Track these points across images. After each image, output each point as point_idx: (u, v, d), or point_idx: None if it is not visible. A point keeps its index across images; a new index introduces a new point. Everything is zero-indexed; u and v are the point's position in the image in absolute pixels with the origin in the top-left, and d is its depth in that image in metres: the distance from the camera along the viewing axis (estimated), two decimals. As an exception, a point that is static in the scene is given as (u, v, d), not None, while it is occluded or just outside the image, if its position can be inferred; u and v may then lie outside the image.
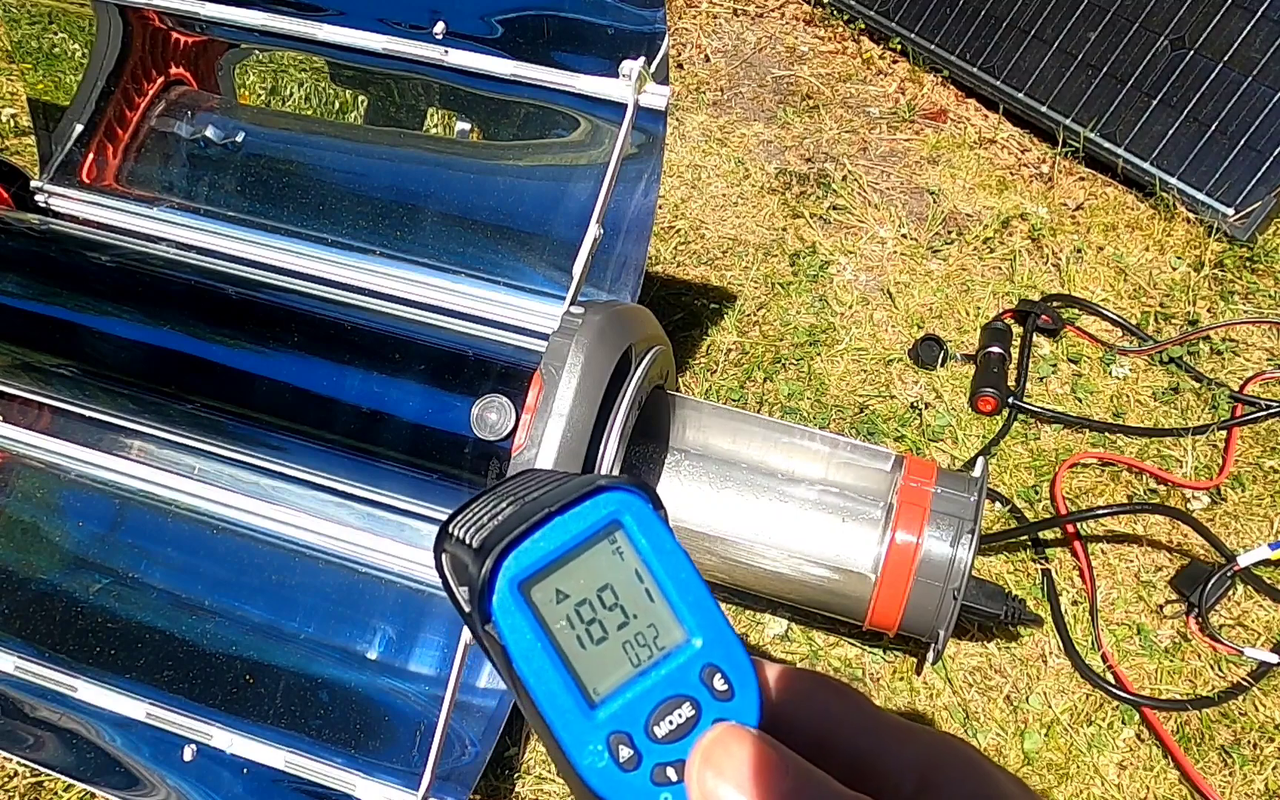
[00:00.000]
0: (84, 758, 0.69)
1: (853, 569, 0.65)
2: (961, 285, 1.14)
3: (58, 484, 0.80)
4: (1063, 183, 1.26)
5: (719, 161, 1.34)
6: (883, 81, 1.48)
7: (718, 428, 0.72)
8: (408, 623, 0.72)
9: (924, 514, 0.63)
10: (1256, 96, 1.13)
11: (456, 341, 0.69)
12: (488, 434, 0.61)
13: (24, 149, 1.33)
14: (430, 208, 0.78)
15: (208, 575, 0.75)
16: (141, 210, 0.84)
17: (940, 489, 0.65)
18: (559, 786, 0.76)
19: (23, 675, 0.72)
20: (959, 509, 0.63)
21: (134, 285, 0.73)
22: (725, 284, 1.15)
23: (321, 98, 0.81)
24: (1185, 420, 0.98)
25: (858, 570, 0.64)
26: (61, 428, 0.81)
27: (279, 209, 0.81)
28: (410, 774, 0.65)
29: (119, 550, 0.77)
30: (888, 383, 1.03)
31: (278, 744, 0.68)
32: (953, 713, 0.79)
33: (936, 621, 0.64)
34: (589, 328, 0.61)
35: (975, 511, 0.63)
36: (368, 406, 0.66)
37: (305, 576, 0.74)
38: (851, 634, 0.83)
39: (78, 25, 0.83)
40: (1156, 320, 1.08)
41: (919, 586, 0.63)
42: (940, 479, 0.65)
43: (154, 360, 0.71)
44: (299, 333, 0.69)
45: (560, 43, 0.70)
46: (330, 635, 0.72)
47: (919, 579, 0.63)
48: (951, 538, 0.63)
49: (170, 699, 0.70)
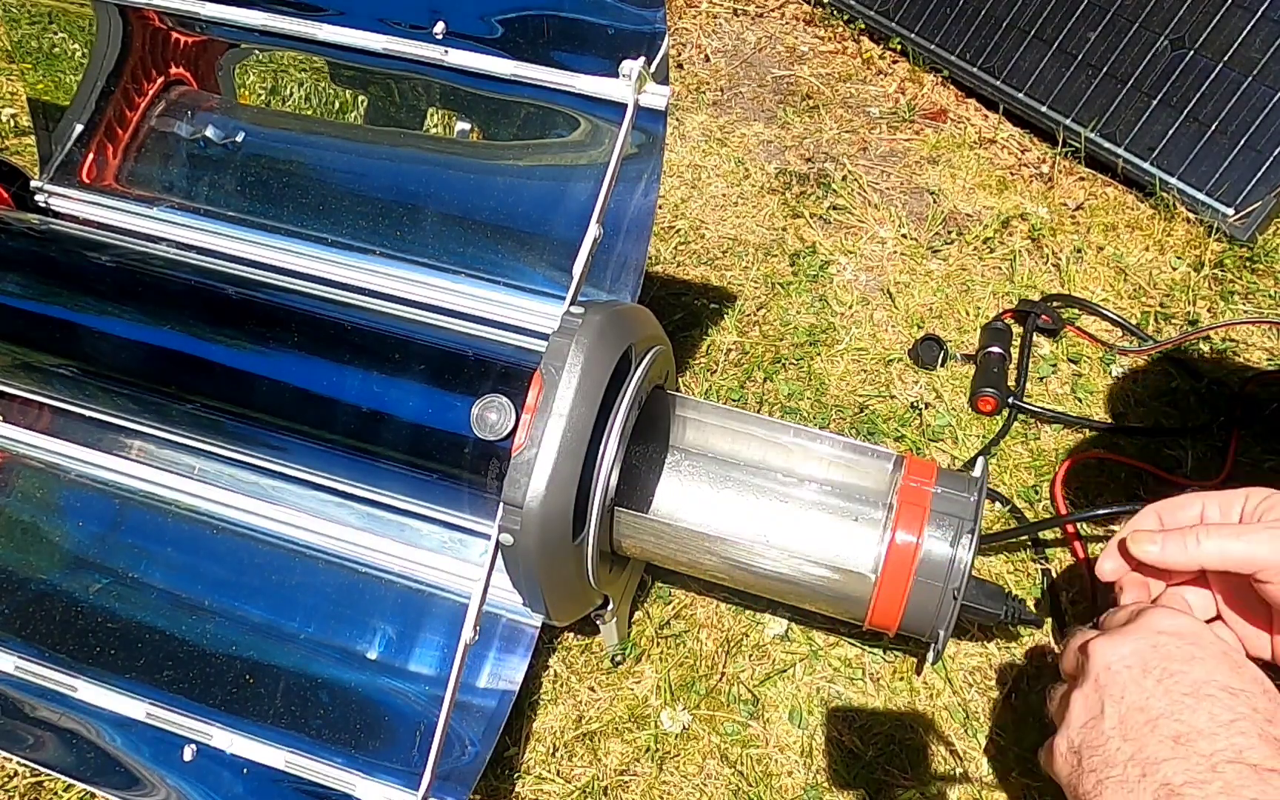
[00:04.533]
0: (84, 758, 0.70)
1: (853, 569, 0.65)
2: (961, 285, 1.14)
3: (58, 484, 0.80)
4: (1063, 183, 1.26)
5: (719, 161, 1.34)
6: (883, 81, 1.48)
7: (717, 427, 0.72)
8: (408, 623, 0.72)
9: (924, 514, 0.63)
10: (1256, 96, 1.13)
11: (456, 341, 0.69)
12: (488, 434, 0.61)
13: (24, 149, 1.33)
14: (430, 208, 0.78)
15: (208, 575, 0.76)
16: (141, 210, 0.84)
17: (940, 489, 0.65)
18: (559, 786, 0.77)
19: (23, 675, 0.72)
20: (959, 509, 0.63)
21: (134, 285, 0.73)
22: (725, 284, 1.15)
23: (321, 98, 0.81)
24: (1185, 420, 0.98)
25: (858, 570, 0.64)
26: (61, 428, 0.82)
27: (279, 209, 0.81)
28: (410, 774, 0.65)
29: (119, 550, 0.77)
30: (888, 383, 1.03)
31: (278, 744, 0.68)
32: (953, 713, 0.79)
33: (937, 621, 0.64)
34: (589, 328, 0.61)
35: (975, 511, 0.63)
36: (367, 406, 0.66)
37: (305, 576, 0.74)
38: (851, 634, 0.83)
39: (78, 25, 0.83)
40: (1156, 320, 1.08)
41: (919, 586, 0.63)
42: (940, 479, 0.65)
43: (154, 360, 0.71)
44: (299, 333, 0.69)
45: (560, 43, 0.70)
46: (330, 635, 0.72)
47: (919, 579, 0.63)
48: (951, 538, 0.63)
49: (170, 699, 0.70)
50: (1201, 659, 0.50)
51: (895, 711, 0.79)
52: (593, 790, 0.76)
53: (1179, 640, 0.51)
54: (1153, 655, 0.51)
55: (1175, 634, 0.52)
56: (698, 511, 0.68)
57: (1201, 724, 0.47)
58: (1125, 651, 0.52)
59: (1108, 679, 0.51)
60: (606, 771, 0.77)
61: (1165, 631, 0.52)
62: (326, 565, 0.75)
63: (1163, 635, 0.52)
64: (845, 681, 0.81)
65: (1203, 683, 0.49)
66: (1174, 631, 0.52)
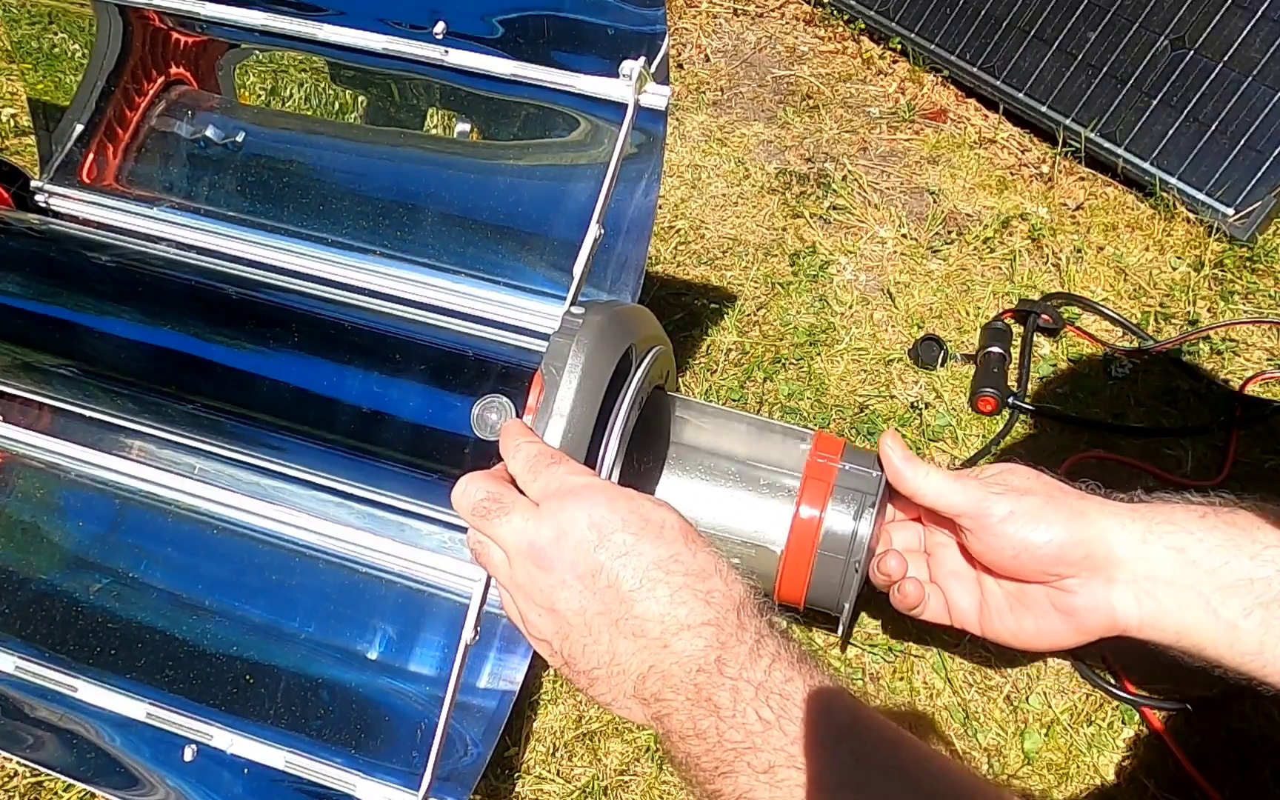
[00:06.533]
0: (84, 758, 0.70)
1: (763, 544, 0.65)
2: (961, 285, 1.14)
3: (58, 484, 0.80)
4: (1063, 183, 1.26)
5: (719, 161, 1.34)
6: (883, 81, 1.48)
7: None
8: (408, 623, 0.72)
9: (828, 489, 0.64)
10: (1256, 96, 1.13)
11: (457, 342, 0.69)
12: (488, 434, 0.61)
13: (24, 149, 1.33)
14: (430, 208, 0.78)
15: (208, 575, 0.75)
16: (142, 210, 0.84)
17: (847, 465, 0.65)
18: (559, 786, 0.77)
19: (23, 675, 0.72)
20: (864, 484, 0.64)
21: (134, 285, 0.73)
22: (725, 284, 1.15)
23: (322, 98, 0.81)
24: (1185, 420, 0.98)
25: (767, 545, 0.65)
26: (62, 428, 0.81)
27: (279, 209, 0.81)
28: (410, 774, 0.65)
29: (119, 550, 0.77)
30: (888, 383, 1.04)
31: (278, 744, 0.68)
32: (953, 713, 0.79)
33: (841, 594, 0.65)
34: (590, 328, 0.61)
35: (879, 487, 0.64)
36: (368, 406, 0.66)
37: (305, 576, 0.74)
38: (852, 636, 0.83)
39: (78, 25, 0.83)
40: (1156, 320, 1.08)
41: (822, 560, 0.64)
42: (847, 455, 0.66)
43: (154, 360, 0.71)
44: (299, 333, 0.69)
45: (560, 43, 0.70)
46: (330, 635, 0.72)
47: (822, 553, 0.64)
48: (855, 512, 0.63)
49: (171, 699, 0.70)
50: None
51: (895, 711, 0.79)
52: (593, 790, 0.76)
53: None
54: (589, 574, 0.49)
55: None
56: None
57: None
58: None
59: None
60: (606, 771, 0.77)
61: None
62: (327, 565, 0.74)
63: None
64: (845, 681, 0.81)
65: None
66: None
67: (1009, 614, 0.61)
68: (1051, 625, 0.59)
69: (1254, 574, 0.53)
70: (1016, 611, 0.60)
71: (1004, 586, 0.61)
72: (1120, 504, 0.57)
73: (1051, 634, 0.59)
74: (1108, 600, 0.56)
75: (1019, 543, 0.56)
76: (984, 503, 0.57)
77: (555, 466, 0.52)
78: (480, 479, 0.53)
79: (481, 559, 0.54)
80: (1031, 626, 0.60)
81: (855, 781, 0.41)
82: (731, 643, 0.46)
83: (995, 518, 0.57)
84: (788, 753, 0.42)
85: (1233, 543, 0.54)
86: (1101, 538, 0.56)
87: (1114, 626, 0.57)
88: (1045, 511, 0.56)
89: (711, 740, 0.44)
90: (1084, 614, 0.57)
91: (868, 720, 0.44)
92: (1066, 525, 0.56)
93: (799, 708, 0.43)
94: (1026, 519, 0.56)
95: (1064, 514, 0.56)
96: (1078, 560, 0.56)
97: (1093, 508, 0.57)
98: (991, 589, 0.61)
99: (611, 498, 0.50)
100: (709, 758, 0.44)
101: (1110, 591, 0.56)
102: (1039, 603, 0.59)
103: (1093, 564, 0.56)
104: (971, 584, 0.63)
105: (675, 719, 0.46)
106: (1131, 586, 0.56)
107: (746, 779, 0.43)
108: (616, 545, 0.48)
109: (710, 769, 0.44)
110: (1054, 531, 0.56)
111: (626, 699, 0.48)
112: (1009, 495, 0.57)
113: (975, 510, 0.57)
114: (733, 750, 0.43)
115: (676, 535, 0.49)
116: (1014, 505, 0.57)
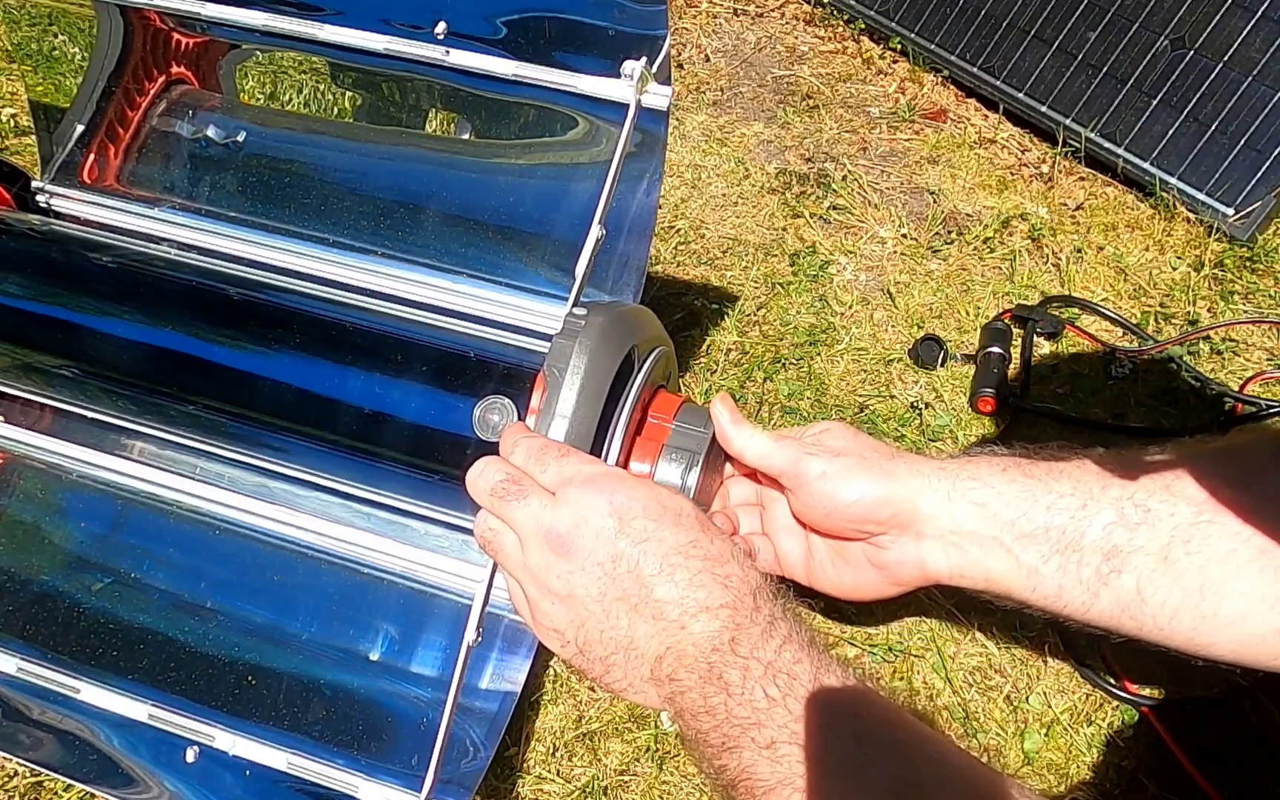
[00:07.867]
0: (85, 759, 0.70)
1: None
2: (961, 285, 1.14)
3: (59, 485, 0.80)
4: (1063, 183, 1.26)
5: (719, 161, 1.34)
6: (883, 81, 1.48)
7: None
8: (410, 624, 0.72)
9: (658, 448, 0.65)
10: (1256, 96, 1.14)
11: (458, 342, 0.69)
12: (490, 435, 0.61)
13: (25, 149, 1.33)
14: (431, 208, 0.78)
15: (210, 576, 0.75)
16: (143, 210, 0.84)
17: (677, 424, 0.66)
18: (559, 786, 0.77)
19: (25, 677, 0.72)
20: (692, 443, 0.65)
21: (135, 286, 0.73)
22: (725, 284, 1.15)
23: (322, 98, 0.81)
24: (1185, 420, 0.98)
25: None
26: (63, 428, 0.81)
27: (280, 209, 0.81)
28: (412, 776, 0.65)
29: (121, 551, 0.77)
30: (888, 383, 1.04)
31: (280, 745, 0.68)
32: (953, 713, 0.79)
33: None
34: (592, 329, 0.61)
35: (707, 443, 0.64)
36: (369, 407, 0.66)
37: (307, 577, 0.74)
38: (852, 635, 0.83)
39: (78, 26, 0.83)
40: (1156, 320, 1.08)
41: None
42: (681, 414, 0.67)
43: (155, 361, 0.71)
44: (300, 333, 0.69)
45: (562, 43, 0.70)
46: (332, 636, 0.72)
47: None
48: (682, 471, 0.64)
49: (173, 700, 0.70)
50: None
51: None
52: (593, 790, 0.76)
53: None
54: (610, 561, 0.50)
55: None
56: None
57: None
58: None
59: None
60: (607, 771, 0.77)
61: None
62: (328, 566, 0.75)
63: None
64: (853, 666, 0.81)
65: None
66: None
67: (831, 567, 0.63)
68: (869, 578, 0.61)
69: (1049, 523, 0.55)
70: (837, 565, 0.63)
71: (826, 541, 0.63)
72: (929, 461, 0.60)
73: (870, 586, 0.62)
74: (918, 554, 0.59)
75: (831, 501, 0.58)
76: (800, 463, 0.59)
77: (567, 456, 0.53)
78: (498, 462, 0.54)
79: (492, 545, 0.54)
80: (851, 579, 0.62)
81: (856, 760, 0.42)
82: (746, 624, 0.47)
83: (810, 477, 0.59)
84: (791, 729, 0.43)
85: (1030, 494, 0.56)
86: (908, 497, 0.58)
87: (926, 577, 0.60)
88: (855, 472, 0.58)
89: (720, 716, 0.45)
90: (896, 567, 0.60)
91: (871, 702, 0.45)
92: (875, 485, 0.58)
93: (805, 687, 0.44)
94: (838, 478, 0.58)
95: (873, 474, 0.58)
96: (886, 518, 0.58)
97: (901, 468, 0.59)
98: (816, 543, 0.63)
99: (629, 485, 0.51)
100: (717, 733, 0.45)
101: (920, 546, 0.59)
102: (857, 557, 0.61)
103: (901, 521, 0.58)
104: (800, 538, 0.64)
105: (688, 698, 0.47)
106: (939, 541, 0.58)
107: (750, 754, 0.44)
108: (637, 531, 0.49)
109: (717, 744, 0.45)
110: (862, 490, 0.58)
111: (642, 683, 0.49)
112: (824, 456, 0.59)
113: (793, 470, 0.59)
114: (739, 726, 0.44)
115: (694, 521, 0.50)
116: (827, 466, 0.58)
